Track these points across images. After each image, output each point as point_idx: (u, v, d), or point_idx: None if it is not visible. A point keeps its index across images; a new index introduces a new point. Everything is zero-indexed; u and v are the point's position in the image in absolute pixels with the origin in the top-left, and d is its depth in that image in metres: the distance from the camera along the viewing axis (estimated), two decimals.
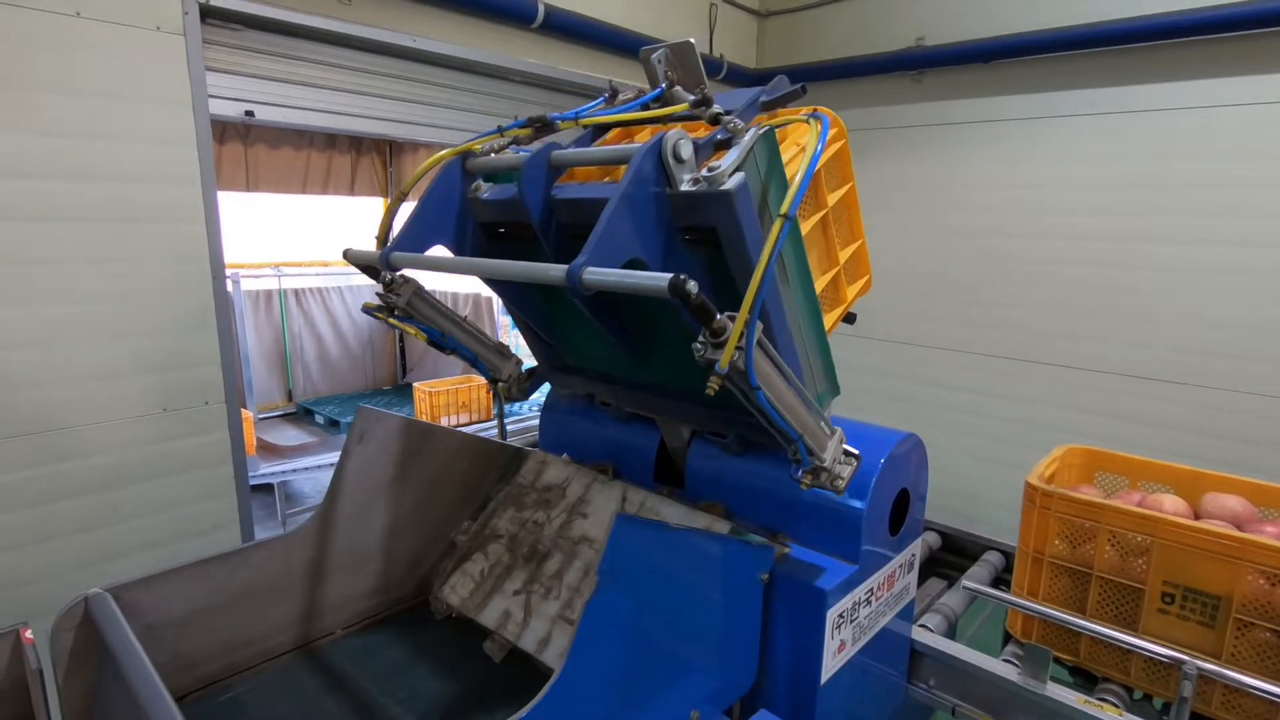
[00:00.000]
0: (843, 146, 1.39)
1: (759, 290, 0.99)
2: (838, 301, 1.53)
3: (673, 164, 1.06)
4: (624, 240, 1.06)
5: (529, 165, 1.24)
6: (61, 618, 1.19)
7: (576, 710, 1.04)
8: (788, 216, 1.00)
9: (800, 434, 1.18)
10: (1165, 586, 1.62)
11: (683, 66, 1.40)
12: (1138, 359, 3.15)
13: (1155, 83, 2.99)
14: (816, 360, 1.35)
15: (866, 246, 1.53)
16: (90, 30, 1.90)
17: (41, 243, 1.88)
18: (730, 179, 1.05)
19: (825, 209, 1.40)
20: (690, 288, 0.91)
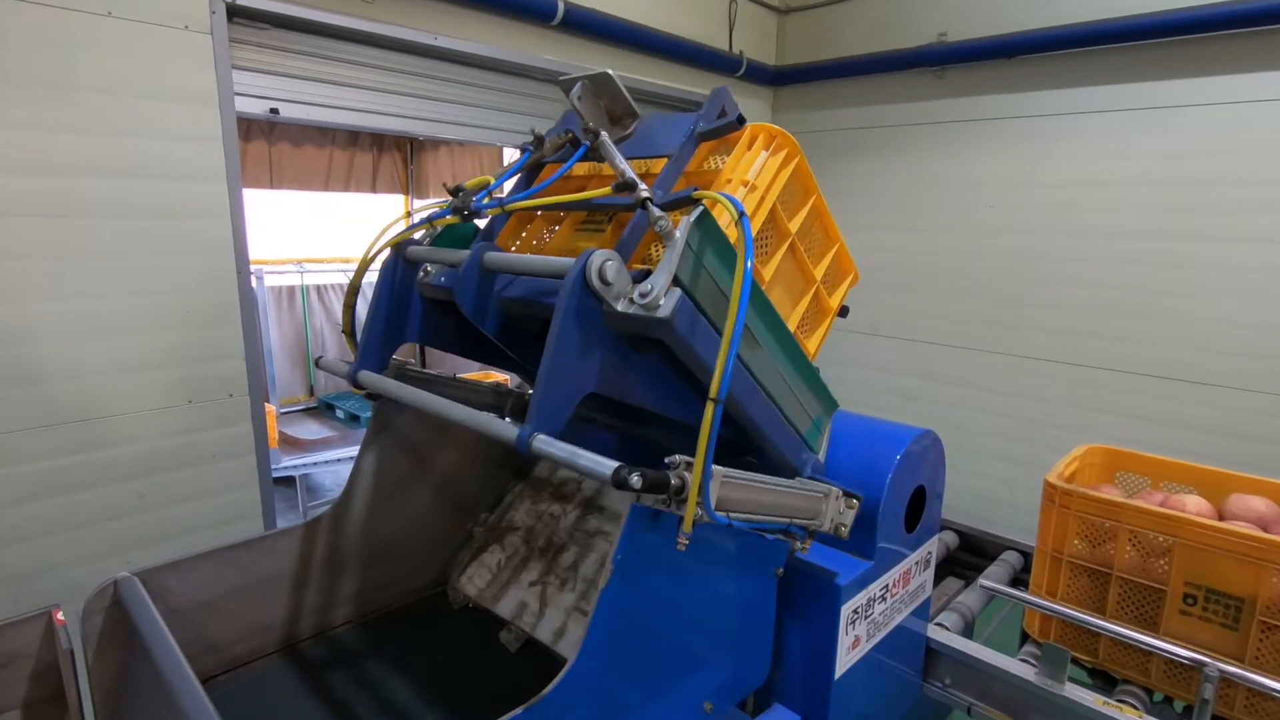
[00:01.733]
0: (799, 162, 1.28)
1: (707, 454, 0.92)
2: (822, 314, 1.47)
3: (600, 288, 0.99)
4: (570, 385, 1.02)
5: (463, 276, 1.19)
6: (91, 600, 1.23)
7: (590, 699, 1.05)
8: (718, 400, 0.91)
9: (788, 522, 1.19)
10: (1187, 588, 1.60)
11: (607, 97, 1.29)
12: (1162, 359, 3.09)
13: (1184, 78, 2.93)
14: (804, 392, 1.32)
15: (845, 245, 1.46)
16: (121, 30, 1.94)
17: (74, 238, 1.93)
18: (665, 300, 0.96)
19: (789, 236, 1.31)
20: (634, 482, 0.87)
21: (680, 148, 1.21)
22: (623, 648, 1.09)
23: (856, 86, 3.90)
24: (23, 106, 1.81)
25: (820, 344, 1.47)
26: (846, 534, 1.31)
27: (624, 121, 1.32)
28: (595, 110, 1.30)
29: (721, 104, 1.25)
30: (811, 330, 1.46)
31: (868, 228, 3.94)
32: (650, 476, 0.89)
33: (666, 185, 1.18)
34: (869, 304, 3.94)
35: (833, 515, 1.29)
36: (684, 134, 1.22)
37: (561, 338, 0.99)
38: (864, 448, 1.50)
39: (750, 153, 1.22)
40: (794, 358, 1.26)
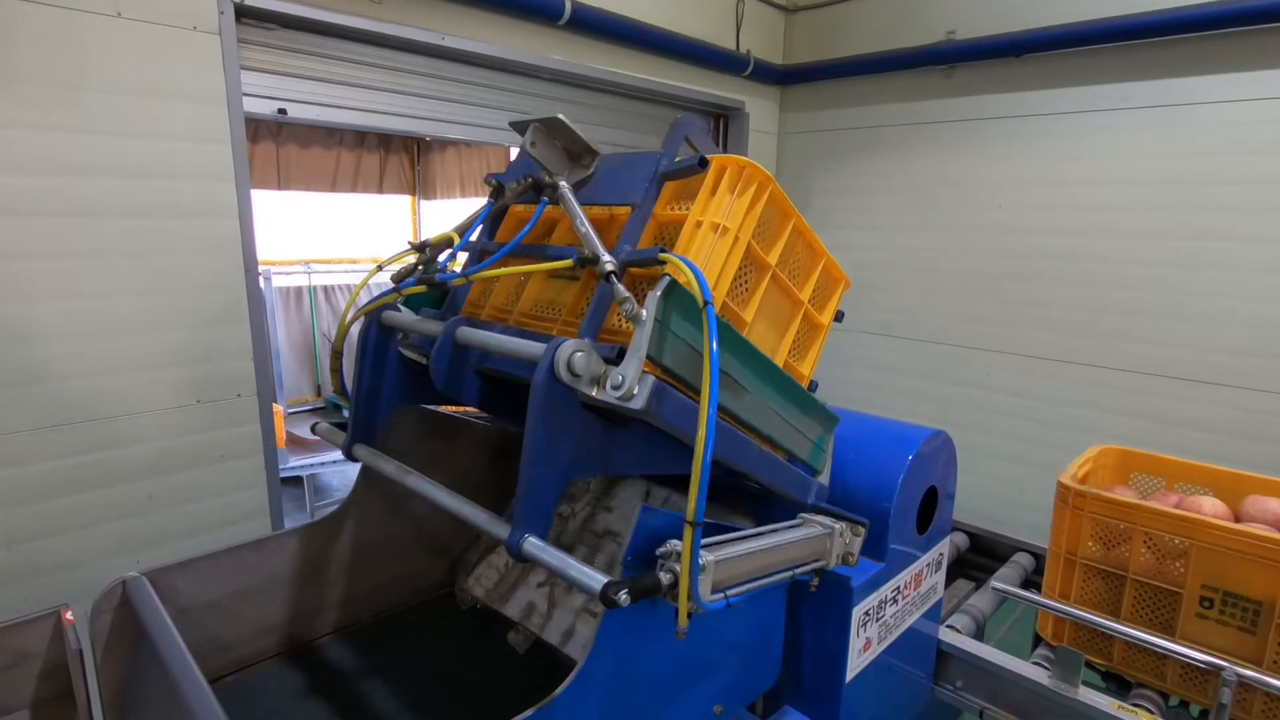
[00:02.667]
0: (772, 191, 1.21)
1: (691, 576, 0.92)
2: (815, 332, 1.43)
3: (570, 380, 0.96)
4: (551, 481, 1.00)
5: (436, 354, 1.17)
6: (100, 600, 1.22)
7: (600, 701, 1.04)
8: (695, 524, 0.89)
9: (791, 576, 1.18)
10: (1204, 590, 1.57)
11: (563, 138, 1.23)
12: (1174, 359, 3.06)
13: (1195, 75, 2.91)
14: (801, 419, 1.29)
15: (832, 258, 1.40)
16: (130, 30, 1.95)
17: (83, 238, 1.93)
18: (639, 389, 0.92)
19: (769, 269, 1.25)
20: (622, 600, 0.89)
21: (644, 194, 1.15)
22: (632, 650, 1.08)
23: (864, 85, 3.88)
24: (32, 107, 1.82)
25: (815, 361, 1.43)
26: (855, 561, 1.30)
27: (584, 160, 1.25)
28: (553, 153, 1.24)
29: (684, 135, 1.19)
30: (804, 352, 1.41)
31: (876, 228, 3.92)
32: (639, 587, 0.91)
33: (633, 239, 1.13)
34: (878, 304, 3.92)
35: (839, 551, 1.28)
36: (647, 177, 1.16)
37: (536, 437, 0.97)
38: (876, 449, 1.48)
39: (716, 195, 1.14)
40: (785, 390, 1.24)
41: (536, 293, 1.31)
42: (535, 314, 1.28)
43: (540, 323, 1.26)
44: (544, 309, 1.28)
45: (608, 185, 1.24)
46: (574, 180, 1.24)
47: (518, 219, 1.42)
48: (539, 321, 1.26)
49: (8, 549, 1.90)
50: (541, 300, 1.29)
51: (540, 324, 1.25)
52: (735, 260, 1.16)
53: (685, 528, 0.90)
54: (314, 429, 1.44)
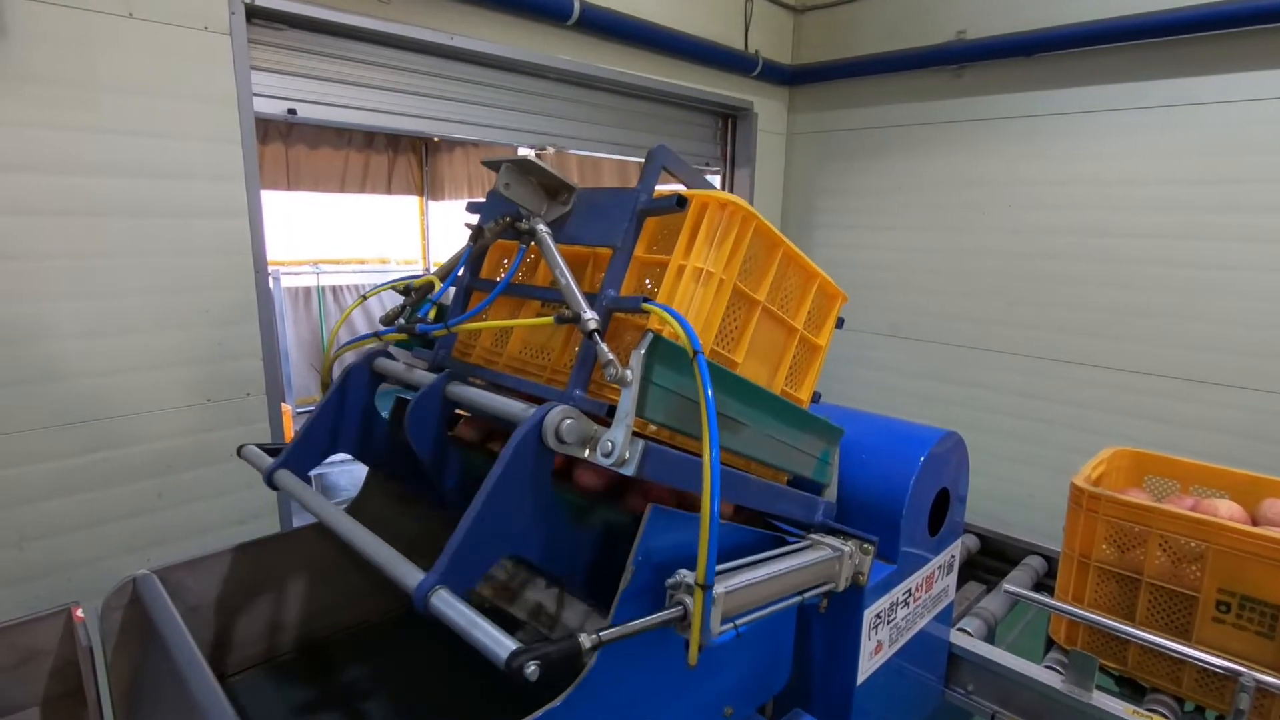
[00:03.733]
0: (756, 225, 1.16)
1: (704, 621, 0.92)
2: (812, 355, 1.40)
3: (558, 446, 0.95)
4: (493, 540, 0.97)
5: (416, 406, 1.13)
6: (110, 597, 1.23)
7: (609, 702, 1.03)
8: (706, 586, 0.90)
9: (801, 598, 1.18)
10: (1221, 594, 1.55)
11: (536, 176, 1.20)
12: (1185, 360, 3.03)
13: (1208, 74, 2.88)
14: (803, 439, 1.28)
15: (826, 277, 1.36)
16: (142, 30, 1.96)
17: (96, 237, 1.94)
18: (630, 455, 0.91)
19: (759, 305, 1.21)
20: (529, 673, 0.80)
21: (624, 235, 1.11)
22: (642, 650, 1.07)
23: (873, 85, 3.86)
24: (44, 106, 1.83)
25: (815, 382, 1.41)
26: (865, 580, 1.29)
27: (562, 196, 1.23)
28: (528, 191, 1.21)
29: (661, 166, 1.14)
30: (802, 378, 1.38)
31: (886, 228, 3.91)
32: (552, 658, 0.81)
33: (615, 283, 1.10)
34: (886, 305, 3.90)
35: (848, 574, 1.27)
36: (626, 216, 1.12)
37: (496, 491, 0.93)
38: (887, 449, 1.47)
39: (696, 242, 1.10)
40: (783, 415, 1.22)
41: (525, 336, 1.28)
42: (524, 359, 1.25)
43: (528, 370, 1.23)
44: (533, 353, 1.25)
45: (588, 220, 1.21)
46: (552, 217, 1.22)
47: (503, 250, 1.40)
48: (527, 369, 1.24)
49: (19, 547, 1.91)
50: (530, 344, 1.26)
51: (528, 372, 1.23)
52: (721, 304, 1.12)
53: (696, 590, 0.91)
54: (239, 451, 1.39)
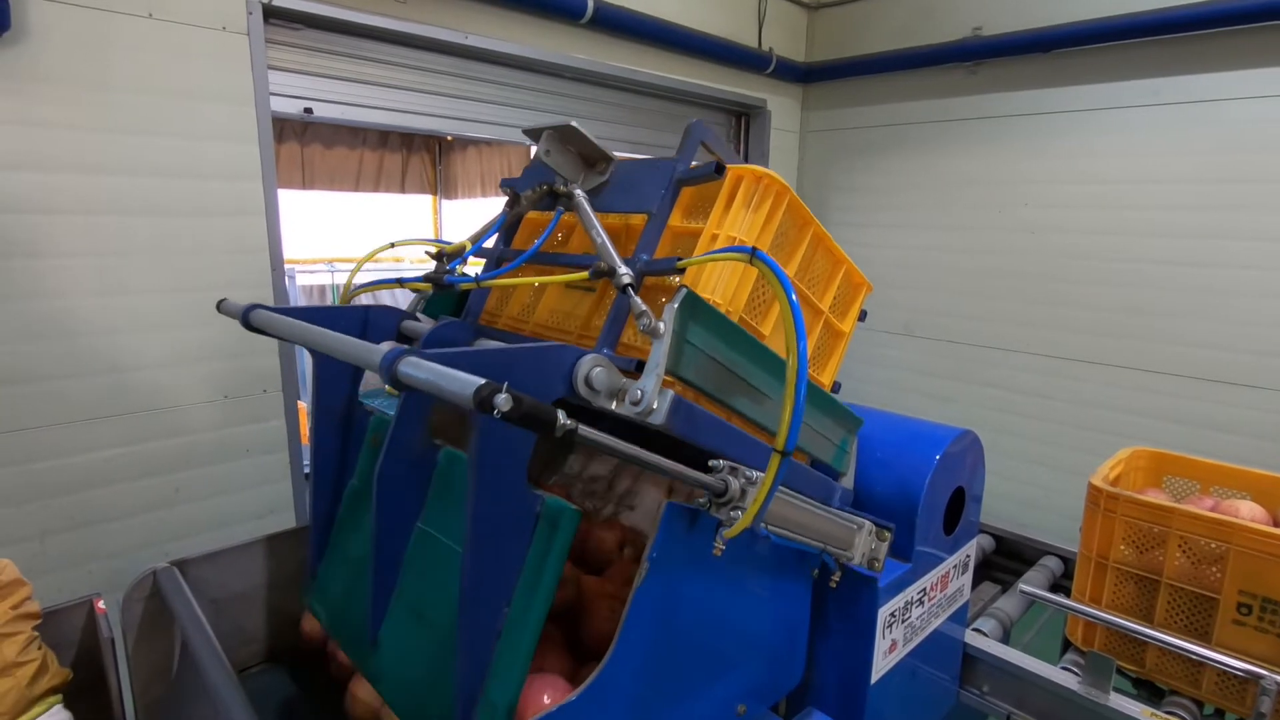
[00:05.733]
0: (790, 200, 1.18)
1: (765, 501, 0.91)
2: (836, 340, 1.40)
3: (589, 395, 0.93)
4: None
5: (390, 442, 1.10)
6: (132, 590, 1.24)
7: (622, 699, 1.04)
8: (785, 452, 0.88)
9: (821, 548, 1.16)
10: (1242, 596, 1.53)
11: (576, 145, 1.21)
12: (1204, 361, 2.99)
13: (1226, 71, 2.84)
14: (824, 423, 1.28)
15: (853, 264, 1.38)
16: (161, 31, 1.98)
17: (114, 235, 1.97)
18: (659, 404, 0.91)
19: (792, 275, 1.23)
20: (500, 402, 0.67)
21: (660, 202, 1.12)
22: (655, 647, 1.07)
23: (888, 83, 3.84)
24: (66, 106, 1.86)
25: (837, 368, 1.41)
26: (880, 567, 1.28)
27: (600, 166, 1.24)
28: (567, 160, 1.23)
29: (699, 140, 1.16)
30: (825, 361, 1.39)
31: (900, 226, 3.88)
32: (525, 404, 0.70)
33: (650, 248, 1.12)
34: (901, 304, 3.88)
35: (864, 550, 1.26)
36: (663, 183, 1.13)
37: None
38: (903, 448, 1.46)
39: (731, 210, 1.12)
40: (810, 396, 1.22)
41: (553, 303, 1.30)
42: (551, 325, 1.27)
43: (556, 334, 1.24)
44: (560, 319, 1.26)
45: (624, 192, 1.22)
46: (589, 186, 1.22)
47: (534, 225, 1.41)
48: (554, 333, 1.25)
49: (41, 540, 1.94)
50: (558, 310, 1.28)
51: (556, 335, 1.24)
52: (752, 274, 1.14)
53: (774, 456, 0.89)
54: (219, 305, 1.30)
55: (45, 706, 1.10)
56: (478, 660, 0.96)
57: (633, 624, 1.02)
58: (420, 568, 1.14)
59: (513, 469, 0.95)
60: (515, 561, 0.98)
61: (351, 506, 1.32)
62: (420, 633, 1.10)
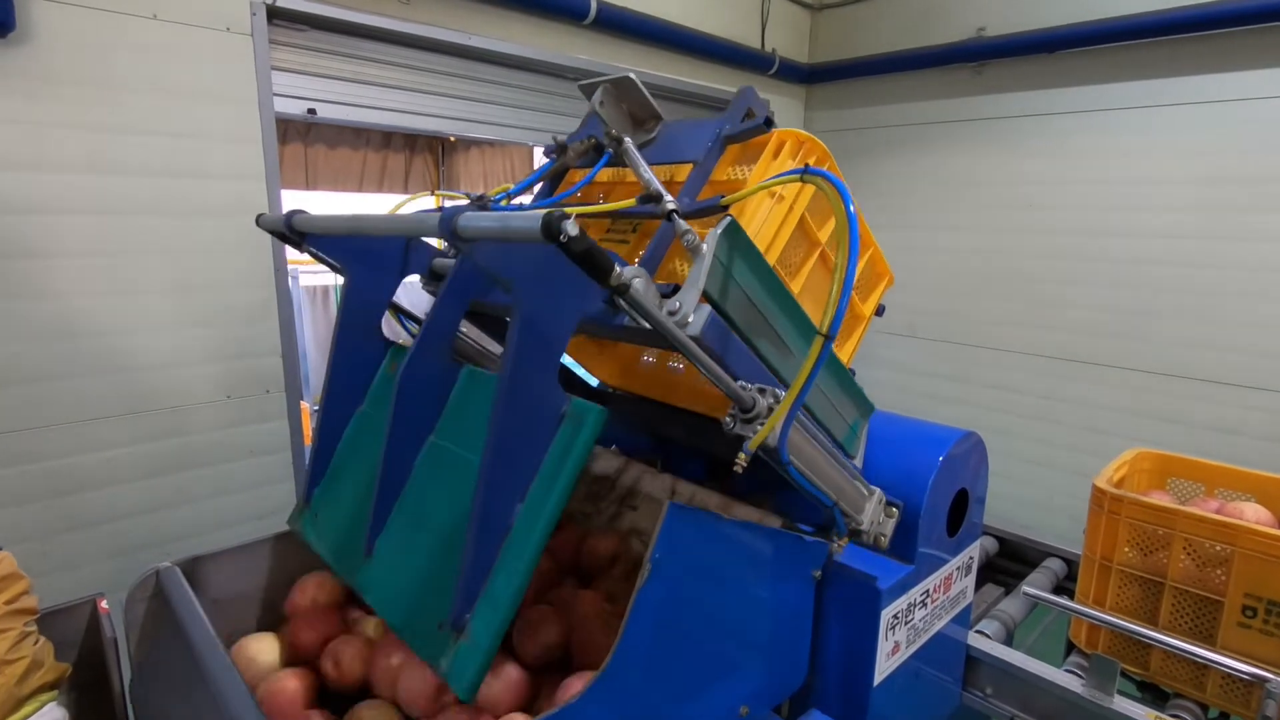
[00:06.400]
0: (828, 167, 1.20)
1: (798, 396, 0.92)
2: (855, 321, 1.43)
3: (628, 306, 0.93)
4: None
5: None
6: (135, 589, 1.25)
7: (624, 701, 1.03)
8: (828, 336, 0.90)
9: (835, 500, 1.16)
10: (1247, 599, 1.52)
11: (630, 100, 1.24)
12: (1213, 362, 2.98)
13: (1232, 71, 2.83)
14: (840, 398, 1.28)
15: (879, 250, 1.41)
16: (166, 32, 1.99)
17: (119, 235, 1.97)
18: (694, 317, 0.92)
19: (819, 245, 1.27)
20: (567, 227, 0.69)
21: (705, 154, 1.16)
22: (658, 649, 1.07)
23: (892, 83, 3.83)
24: (71, 107, 1.86)
25: (854, 351, 1.43)
26: (886, 544, 1.28)
27: (648, 125, 1.28)
28: (618, 114, 1.26)
29: (747, 105, 1.19)
30: (845, 339, 1.41)
31: (903, 227, 3.87)
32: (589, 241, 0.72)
33: (692, 194, 1.14)
34: (904, 305, 3.87)
35: (873, 518, 1.26)
36: (709, 138, 1.17)
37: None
38: (906, 449, 1.46)
39: (777, 161, 1.17)
40: (832, 366, 1.23)
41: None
42: None
43: None
44: None
45: (670, 147, 1.25)
46: (636, 143, 1.25)
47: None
48: None
49: (44, 540, 1.94)
50: None
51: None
52: (788, 229, 1.17)
53: (816, 339, 0.90)
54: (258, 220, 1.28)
55: (37, 705, 1.08)
56: (485, 553, 0.94)
57: (635, 625, 1.02)
58: (428, 478, 1.12)
59: (547, 360, 0.94)
60: (535, 457, 0.97)
61: (357, 432, 1.31)
62: (420, 540, 1.08)
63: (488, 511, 0.93)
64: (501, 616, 0.92)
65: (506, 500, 0.95)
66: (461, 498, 1.01)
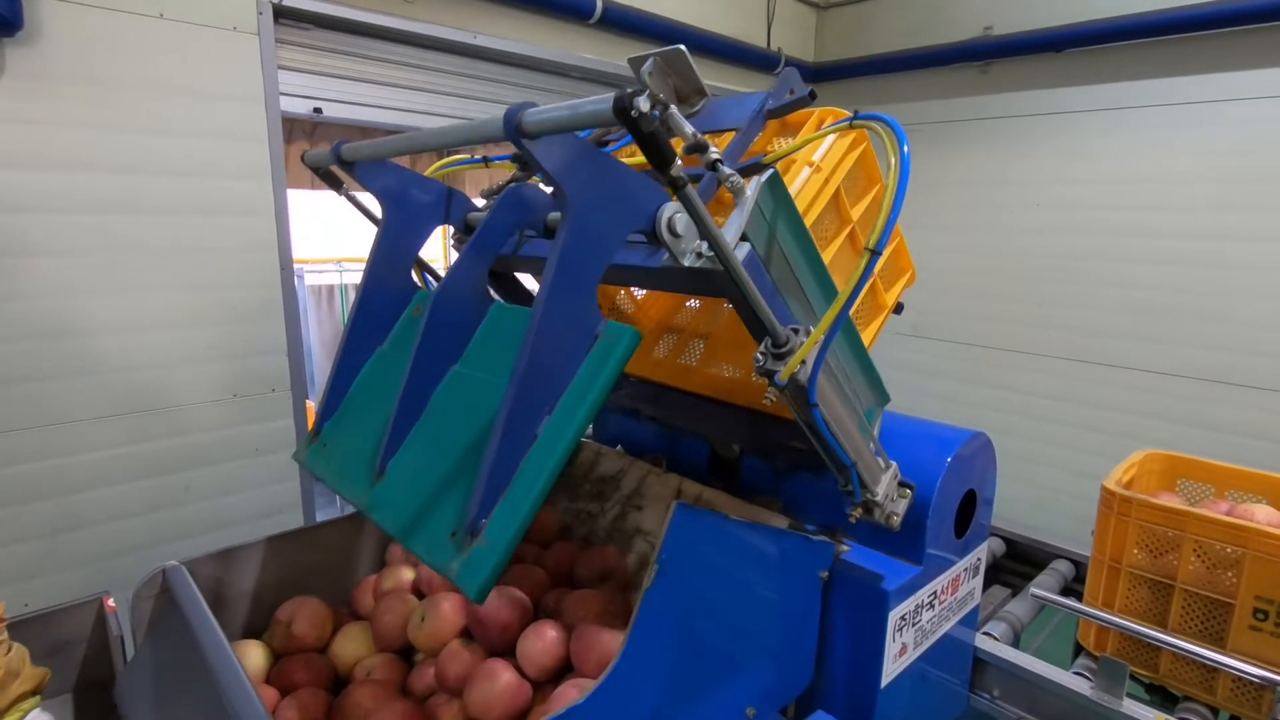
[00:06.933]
0: (864, 150, 1.26)
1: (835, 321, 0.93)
2: (877, 309, 1.44)
3: (669, 239, 0.93)
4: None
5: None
6: (141, 587, 1.25)
7: (632, 699, 1.03)
8: (875, 251, 0.91)
9: (854, 461, 1.15)
10: (1258, 602, 1.51)
11: (676, 74, 1.26)
12: (1222, 363, 2.96)
13: (1241, 70, 2.81)
14: (859, 378, 1.29)
15: (905, 242, 1.44)
16: (172, 31, 1.99)
17: (126, 234, 1.98)
18: (736, 252, 0.93)
19: (850, 224, 1.29)
20: (641, 103, 0.71)
21: (748, 123, 1.19)
22: (665, 650, 1.07)
23: (897, 83, 3.82)
24: (79, 106, 1.86)
25: (874, 338, 1.44)
26: (898, 524, 1.26)
27: (692, 100, 1.31)
28: (664, 87, 1.29)
29: (790, 86, 1.23)
30: (865, 323, 1.42)
31: (909, 227, 3.83)
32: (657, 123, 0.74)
33: (734, 158, 1.17)
34: (911, 305, 3.82)
35: (887, 491, 1.24)
36: (753, 109, 1.21)
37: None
38: (913, 450, 1.45)
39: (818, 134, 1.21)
40: (853, 342, 1.23)
41: None
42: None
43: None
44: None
45: (712, 119, 1.28)
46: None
47: None
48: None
49: (51, 538, 1.95)
50: None
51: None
52: (822, 202, 1.18)
53: (865, 253, 0.92)
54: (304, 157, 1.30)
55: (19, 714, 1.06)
56: (509, 460, 0.93)
57: (642, 626, 1.01)
58: (448, 402, 1.12)
59: (589, 277, 0.94)
60: (568, 371, 0.96)
61: (375, 371, 1.30)
62: (435, 461, 1.06)
63: (515, 418, 0.92)
64: (520, 521, 0.89)
65: (535, 409, 0.94)
66: (482, 419, 1.01)
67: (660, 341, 1.66)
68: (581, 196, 0.89)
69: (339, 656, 1.30)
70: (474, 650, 1.21)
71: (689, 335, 1.62)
